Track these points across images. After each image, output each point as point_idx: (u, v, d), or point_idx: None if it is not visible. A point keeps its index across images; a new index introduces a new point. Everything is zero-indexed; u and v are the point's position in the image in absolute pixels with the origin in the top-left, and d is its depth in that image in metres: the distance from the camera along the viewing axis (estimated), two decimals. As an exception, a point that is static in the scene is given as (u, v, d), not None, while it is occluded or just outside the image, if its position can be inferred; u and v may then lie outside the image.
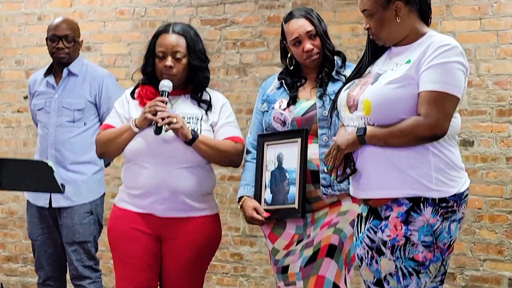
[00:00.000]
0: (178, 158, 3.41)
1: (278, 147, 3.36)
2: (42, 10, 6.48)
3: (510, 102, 5.03)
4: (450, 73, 2.74)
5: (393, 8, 2.82)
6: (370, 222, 2.85)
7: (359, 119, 2.84)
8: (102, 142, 3.53)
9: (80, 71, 4.49)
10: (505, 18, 5.05)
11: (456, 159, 2.83)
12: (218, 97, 3.62)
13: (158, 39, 3.51)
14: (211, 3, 5.94)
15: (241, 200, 3.47)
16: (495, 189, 5.06)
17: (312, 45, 3.36)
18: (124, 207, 3.52)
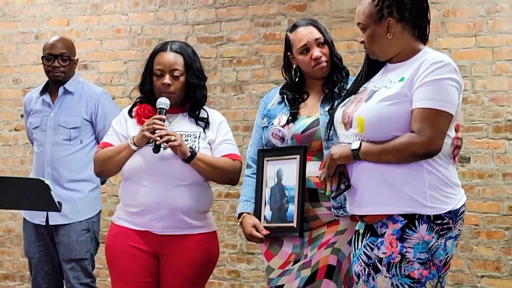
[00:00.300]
0: (176, 176, 3.42)
1: (278, 163, 3.32)
2: (39, 28, 6.51)
3: (506, 119, 5.05)
4: (443, 90, 2.74)
5: (385, 24, 2.83)
6: (367, 238, 2.85)
7: (353, 136, 2.84)
8: (100, 160, 3.53)
9: (76, 89, 4.50)
10: (500, 35, 5.07)
11: (451, 176, 2.83)
12: (216, 115, 3.63)
13: (156, 57, 3.52)
14: (207, 21, 5.97)
15: (241, 216, 3.43)
16: (492, 206, 5.07)
17: (321, 52, 3.32)
18: (122, 224, 3.51)
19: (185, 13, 6.04)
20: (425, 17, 2.92)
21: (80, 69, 6.29)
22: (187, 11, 6.04)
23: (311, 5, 5.62)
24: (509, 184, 5.02)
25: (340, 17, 5.47)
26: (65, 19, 6.44)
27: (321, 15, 5.55)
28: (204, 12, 5.98)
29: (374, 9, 2.83)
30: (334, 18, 5.53)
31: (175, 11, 6.08)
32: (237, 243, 5.78)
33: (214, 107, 5.83)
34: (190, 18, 6.02)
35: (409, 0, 2.84)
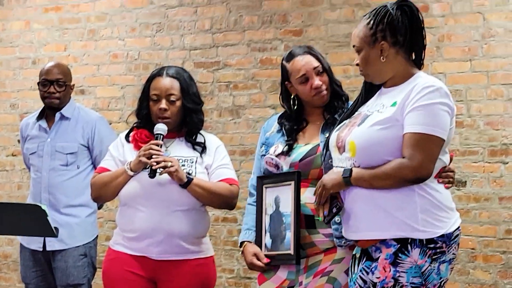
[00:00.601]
0: (173, 201, 3.41)
1: (276, 189, 3.28)
2: (37, 54, 6.53)
3: (501, 142, 5.07)
4: (434, 114, 2.75)
5: (378, 48, 2.85)
6: (363, 263, 2.84)
7: (347, 160, 2.85)
8: (98, 185, 3.53)
9: (72, 114, 4.50)
10: (495, 59, 5.10)
11: (444, 199, 2.82)
12: (213, 140, 3.63)
13: (152, 82, 3.52)
14: (203, 46, 6.00)
15: (243, 245, 3.38)
16: (488, 229, 5.07)
17: (320, 81, 3.28)
18: (119, 249, 3.50)
19: (181, 38, 6.07)
20: (420, 41, 2.93)
21: (77, 94, 6.32)
22: (183, 36, 6.07)
23: (307, 30, 5.66)
24: (505, 208, 5.03)
25: (336, 42, 5.51)
26: (62, 44, 6.47)
27: (317, 40, 5.59)
28: (200, 37, 6.01)
29: (368, 32, 2.85)
30: (330, 43, 5.56)
31: (171, 36, 6.11)
32: (234, 268, 5.77)
33: (211, 131, 5.86)
34: (186, 43, 6.05)
35: (403, 25, 2.85)
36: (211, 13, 5.99)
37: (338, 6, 5.56)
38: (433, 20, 5.26)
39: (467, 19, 5.19)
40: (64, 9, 6.49)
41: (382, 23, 2.84)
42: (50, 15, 6.53)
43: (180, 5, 6.10)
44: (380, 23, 2.84)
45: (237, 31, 5.89)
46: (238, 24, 5.89)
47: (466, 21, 5.19)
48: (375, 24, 2.85)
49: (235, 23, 5.90)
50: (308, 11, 5.67)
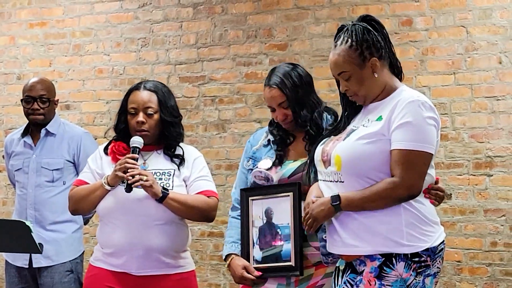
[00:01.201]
0: (151, 215, 3.38)
1: (266, 202, 3.26)
2: (22, 69, 6.52)
3: (486, 155, 5.09)
4: (421, 130, 2.75)
5: (369, 66, 2.84)
6: (347, 275, 2.84)
7: (332, 174, 2.85)
8: (75, 199, 3.50)
9: (57, 130, 4.48)
10: (478, 72, 5.14)
11: (429, 213, 2.82)
12: (191, 151, 3.60)
13: (130, 96, 3.52)
14: (189, 61, 6.00)
15: (228, 258, 3.35)
16: (474, 242, 5.09)
17: (284, 115, 3.27)
18: (100, 266, 3.47)
19: (167, 53, 6.08)
20: (393, 51, 2.95)
21: (63, 110, 6.30)
22: (169, 51, 6.07)
23: (292, 44, 5.68)
24: (491, 220, 5.05)
25: (321, 56, 5.52)
26: (47, 59, 6.46)
27: (302, 54, 5.61)
28: (185, 51, 6.02)
29: (355, 54, 2.83)
30: (315, 57, 5.58)
31: (157, 51, 6.12)
32: (220, 283, 5.75)
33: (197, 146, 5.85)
34: (172, 57, 6.06)
35: (380, 38, 2.88)
36: (196, 27, 6.00)
37: (322, 21, 5.59)
38: (417, 33, 5.29)
39: (450, 32, 5.22)
40: (49, 25, 6.48)
41: (365, 41, 2.84)
42: (35, 31, 6.52)
43: (165, 20, 6.11)
44: (363, 41, 2.83)
45: (222, 45, 5.90)
46: (223, 39, 5.90)
47: (449, 34, 5.22)
48: (359, 44, 2.83)
49: (220, 37, 5.91)
50: (292, 25, 5.69)
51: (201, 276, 5.80)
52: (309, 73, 3.38)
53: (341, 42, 2.86)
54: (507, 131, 5.06)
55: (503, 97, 5.07)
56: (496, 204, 5.05)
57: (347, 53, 2.84)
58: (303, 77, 3.32)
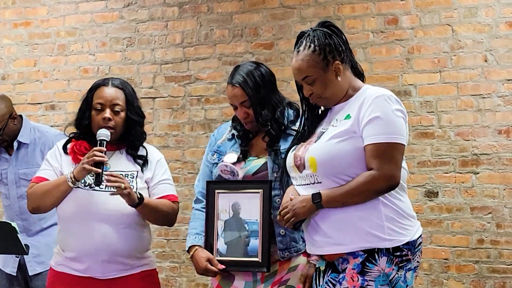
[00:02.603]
0: (114, 219, 3.31)
1: (233, 196, 3.28)
2: (6, 70, 6.48)
3: (472, 153, 5.10)
4: (391, 122, 2.79)
5: (332, 69, 2.89)
6: (328, 275, 2.86)
7: (308, 177, 2.87)
8: (36, 195, 3.37)
9: (29, 139, 4.39)
10: (464, 71, 5.15)
11: (406, 207, 2.86)
12: (153, 152, 3.52)
13: (96, 92, 3.41)
14: (175, 60, 5.99)
15: (191, 250, 3.35)
16: (461, 239, 5.10)
17: (245, 113, 3.31)
18: (63, 270, 3.39)
19: (152, 53, 6.06)
20: (353, 55, 3.00)
21: (48, 110, 6.28)
22: (154, 50, 6.06)
23: (278, 43, 5.68)
24: (477, 218, 5.07)
25: (307, 54, 5.52)
26: (32, 59, 6.43)
27: (288, 53, 5.60)
28: (171, 51, 6.00)
29: (318, 58, 2.87)
30: (301, 56, 5.57)
31: (142, 51, 6.10)
32: (208, 283, 5.74)
33: (183, 146, 5.84)
34: (157, 57, 6.04)
35: (341, 42, 2.93)
36: (182, 27, 5.99)
37: (308, 20, 5.59)
38: (402, 32, 5.30)
39: (436, 31, 5.24)
40: (34, 24, 6.45)
41: (327, 45, 2.89)
42: (20, 30, 6.49)
43: (151, 20, 6.10)
44: (326, 45, 2.88)
45: (208, 45, 5.89)
46: (209, 38, 5.89)
47: (435, 33, 5.24)
48: (321, 48, 2.88)
49: (206, 37, 5.90)
50: (278, 24, 5.69)
51: (189, 276, 5.79)
52: (272, 73, 3.40)
53: (303, 47, 2.91)
54: (493, 128, 5.08)
55: (488, 95, 5.09)
56: (483, 201, 5.07)
57: (311, 58, 2.88)
58: (266, 77, 3.34)
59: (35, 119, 6.01)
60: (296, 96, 5.56)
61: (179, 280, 5.81)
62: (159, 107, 5.95)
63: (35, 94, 6.38)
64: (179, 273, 5.83)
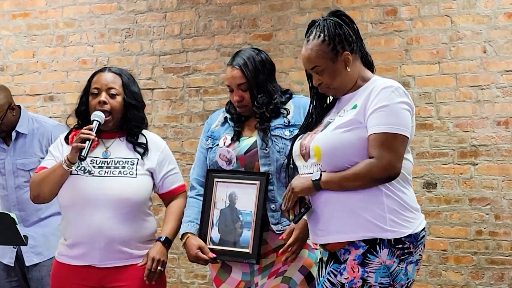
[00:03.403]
0: (112, 206, 3.31)
1: (231, 186, 3.29)
2: (5, 61, 6.48)
3: (471, 144, 5.10)
4: (396, 114, 2.79)
5: (342, 60, 2.88)
6: (331, 266, 2.86)
7: (313, 166, 2.87)
8: (35, 183, 3.41)
9: (28, 129, 4.38)
10: (463, 62, 5.15)
11: (409, 200, 2.86)
12: (155, 141, 3.53)
13: (93, 78, 3.45)
14: (173, 51, 5.98)
15: (184, 237, 3.36)
16: (460, 231, 5.11)
17: (241, 96, 3.32)
18: (64, 261, 3.41)
19: (151, 44, 6.05)
20: (363, 45, 3.00)
21: (46, 101, 6.27)
22: (153, 41, 6.05)
23: (276, 34, 5.67)
24: (476, 209, 5.07)
25: (306, 46, 5.51)
26: (31, 51, 6.42)
27: (287, 44, 5.60)
28: (170, 42, 5.99)
29: (327, 48, 2.87)
30: (300, 47, 5.52)
31: (141, 42, 6.09)
32: (206, 274, 5.75)
33: (182, 137, 5.84)
34: (156, 48, 6.03)
35: (351, 32, 2.92)
36: (180, 18, 5.98)
37: (307, 11, 5.58)
38: (401, 23, 5.29)
39: (435, 22, 5.23)
40: (32, 15, 6.44)
41: (337, 35, 2.88)
42: (18, 22, 6.48)
43: (149, 11, 6.09)
44: (336, 35, 2.88)
45: (207, 36, 5.88)
46: (208, 29, 5.88)
47: (434, 24, 5.23)
48: (331, 39, 2.88)
49: (205, 28, 5.90)
50: (277, 15, 5.68)
51: (187, 267, 5.80)
52: (272, 62, 3.42)
53: (313, 37, 2.91)
54: (491, 120, 5.08)
55: (487, 86, 5.09)
56: (481, 193, 5.07)
57: (320, 48, 2.88)
58: (266, 64, 3.38)
59: (33, 110, 6.01)
60: (295, 87, 5.58)
61: (177, 271, 5.82)
62: (158, 98, 5.95)
63: (33, 85, 6.38)
64: (178, 264, 5.83)
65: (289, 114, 3.31)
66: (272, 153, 3.24)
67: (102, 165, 3.38)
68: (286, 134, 3.28)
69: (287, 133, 3.28)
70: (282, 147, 3.25)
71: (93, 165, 3.35)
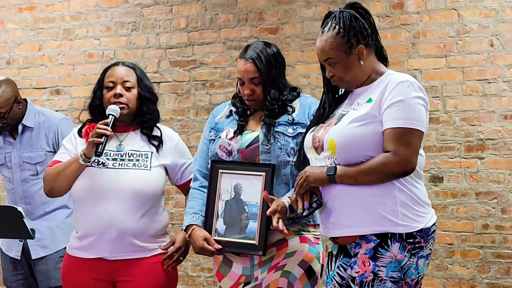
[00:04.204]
0: (124, 198, 3.32)
1: (236, 177, 3.28)
2: (11, 54, 6.48)
3: (477, 138, 5.10)
4: (412, 109, 2.78)
5: (355, 53, 2.87)
6: (340, 259, 2.87)
7: (326, 159, 2.87)
8: (50, 177, 3.41)
9: (34, 123, 4.38)
10: (470, 55, 5.13)
11: (421, 195, 2.86)
12: (169, 134, 3.56)
13: (107, 72, 3.47)
14: (179, 45, 5.98)
15: (189, 229, 3.33)
16: (466, 224, 5.10)
17: (252, 90, 3.29)
18: (75, 254, 3.43)
19: (157, 37, 6.05)
20: (379, 39, 2.99)
21: (53, 94, 6.28)
22: (159, 35, 6.05)
23: (283, 27, 5.66)
24: (482, 203, 5.07)
25: (312, 39, 5.50)
26: (37, 44, 6.42)
27: (293, 38, 5.59)
28: (176, 36, 5.99)
29: (342, 41, 2.86)
30: (306, 41, 5.56)
31: (147, 35, 6.09)
32: (212, 267, 5.75)
33: (188, 130, 5.84)
34: (162, 42, 6.03)
35: (367, 25, 2.91)
36: (187, 11, 5.98)
37: (313, 4, 5.57)
38: (408, 17, 5.28)
39: (441, 15, 5.21)
40: (39, 9, 6.44)
41: (352, 28, 2.87)
42: (24, 15, 6.48)
43: (156, 4, 6.08)
44: (351, 28, 2.87)
45: (213, 29, 5.88)
46: (214, 23, 5.88)
47: (441, 17, 5.22)
48: (346, 31, 2.86)
49: (211, 21, 5.89)
50: (283, 8, 5.67)
51: (193, 261, 5.81)
52: (283, 57, 3.40)
53: (328, 28, 2.89)
54: (498, 114, 5.07)
55: (494, 80, 5.08)
56: (488, 187, 5.06)
57: (334, 40, 2.87)
58: (278, 58, 3.36)
59: (40, 104, 6.01)
60: (301, 80, 5.58)
61: (184, 265, 5.82)
62: (164, 92, 5.95)
63: (40, 79, 6.38)
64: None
65: (294, 112, 3.31)
66: (274, 150, 3.24)
67: (116, 158, 3.40)
68: (289, 132, 3.27)
69: (290, 131, 3.27)
70: (284, 144, 3.25)
71: (107, 158, 3.37)
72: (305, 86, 5.45)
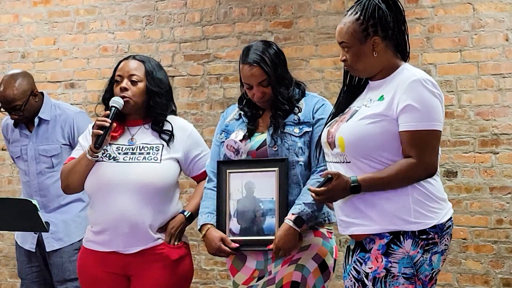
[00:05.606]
0: (135, 189, 3.34)
1: (246, 175, 3.27)
2: (26, 48, 6.51)
3: (492, 132, 5.08)
4: (427, 108, 2.76)
5: (370, 43, 2.84)
6: (357, 254, 2.86)
7: (338, 156, 2.86)
8: (65, 174, 3.47)
9: (50, 116, 4.41)
10: (485, 50, 5.11)
11: (436, 190, 2.84)
12: (181, 125, 3.56)
13: (118, 67, 3.52)
14: (193, 39, 5.98)
15: (203, 229, 3.34)
16: (480, 219, 5.09)
17: (262, 93, 3.28)
18: (90, 247, 3.46)
19: (171, 31, 6.06)
20: (405, 33, 2.93)
21: (67, 88, 6.30)
22: (173, 29, 6.05)
23: (297, 22, 5.65)
24: (496, 198, 5.05)
25: (326, 33, 5.50)
26: (52, 38, 6.44)
27: (307, 32, 5.58)
28: (190, 29, 5.99)
29: (359, 28, 2.84)
30: (321, 35, 5.55)
31: (161, 29, 6.09)
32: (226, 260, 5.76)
33: (202, 124, 5.85)
34: (176, 35, 6.03)
35: (392, 18, 2.86)
36: (201, 5, 5.98)
37: (328, -2, 5.56)
38: (423, 11, 5.26)
39: (456, 9, 5.19)
40: (53, 3, 6.46)
41: (373, 18, 2.83)
42: (39, 9, 6.50)
43: (170, -2, 6.09)
44: (371, 17, 2.83)
45: (227, 23, 5.88)
46: (228, 16, 5.88)
47: (456, 11, 5.19)
48: (365, 19, 2.83)
49: (225, 15, 5.89)
50: (297, 2, 5.66)
51: (207, 254, 5.78)
52: (283, 52, 3.38)
53: (351, 12, 2.87)
54: (513, 108, 5.05)
55: (509, 75, 5.05)
56: (502, 181, 5.04)
57: (352, 25, 2.85)
58: (280, 55, 3.35)
59: (54, 97, 6.01)
60: (315, 74, 5.56)
61: (197, 258, 5.84)
62: (178, 86, 5.96)
63: (54, 73, 6.40)
64: (197, 251, 5.85)
65: (300, 112, 3.30)
66: (281, 151, 3.24)
67: (127, 152, 3.42)
68: (295, 132, 3.26)
69: (296, 131, 3.26)
70: (291, 144, 3.25)
71: (119, 152, 3.40)
72: (319, 81, 5.44)
